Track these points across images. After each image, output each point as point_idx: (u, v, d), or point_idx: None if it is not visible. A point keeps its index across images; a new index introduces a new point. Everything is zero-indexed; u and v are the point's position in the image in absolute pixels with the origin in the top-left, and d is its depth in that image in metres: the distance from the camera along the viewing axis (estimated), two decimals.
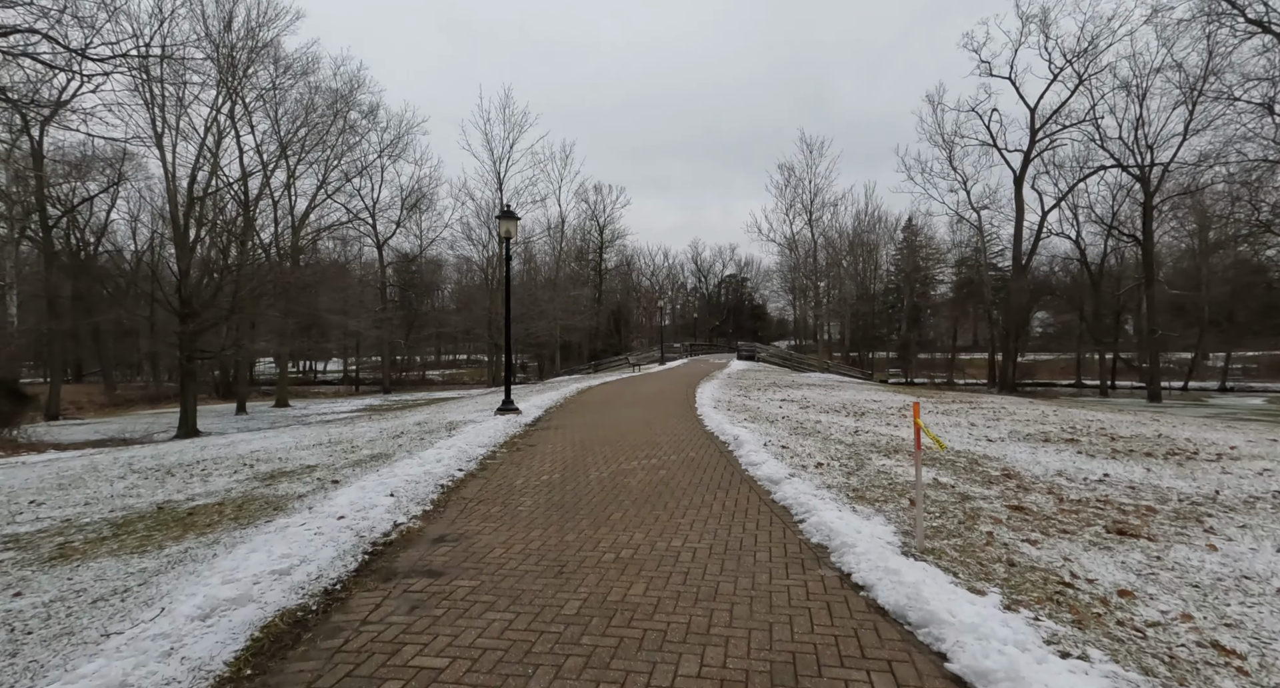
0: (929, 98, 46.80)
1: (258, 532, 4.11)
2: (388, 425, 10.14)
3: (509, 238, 10.53)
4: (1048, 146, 39.72)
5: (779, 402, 12.40)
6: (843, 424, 8.91)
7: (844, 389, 15.78)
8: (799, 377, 21.30)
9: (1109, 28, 33.39)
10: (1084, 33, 34.50)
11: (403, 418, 11.60)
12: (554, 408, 12.05)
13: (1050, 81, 38.19)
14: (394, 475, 5.75)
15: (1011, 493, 4.85)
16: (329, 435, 9.21)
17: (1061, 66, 37.49)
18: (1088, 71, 35.92)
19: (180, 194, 20.16)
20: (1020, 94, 39.83)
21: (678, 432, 8.56)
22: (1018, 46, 38.33)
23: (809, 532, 4.01)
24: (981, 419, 9.34)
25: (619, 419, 10.13)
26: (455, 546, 3.94)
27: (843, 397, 13.46)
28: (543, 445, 7.66)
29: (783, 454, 6.49)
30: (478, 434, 8.25)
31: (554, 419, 10.42)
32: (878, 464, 5.98)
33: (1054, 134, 39.19)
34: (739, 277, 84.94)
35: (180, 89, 20.59)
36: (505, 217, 10.43)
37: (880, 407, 11.40)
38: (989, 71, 40.58)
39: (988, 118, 40.91)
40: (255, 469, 6.60)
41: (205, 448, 8.72)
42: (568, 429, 9.12)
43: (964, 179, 44.27)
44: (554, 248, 43.81)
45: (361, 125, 35.98)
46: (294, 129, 26.10)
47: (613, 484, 5.51)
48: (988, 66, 40.56)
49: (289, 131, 26.13)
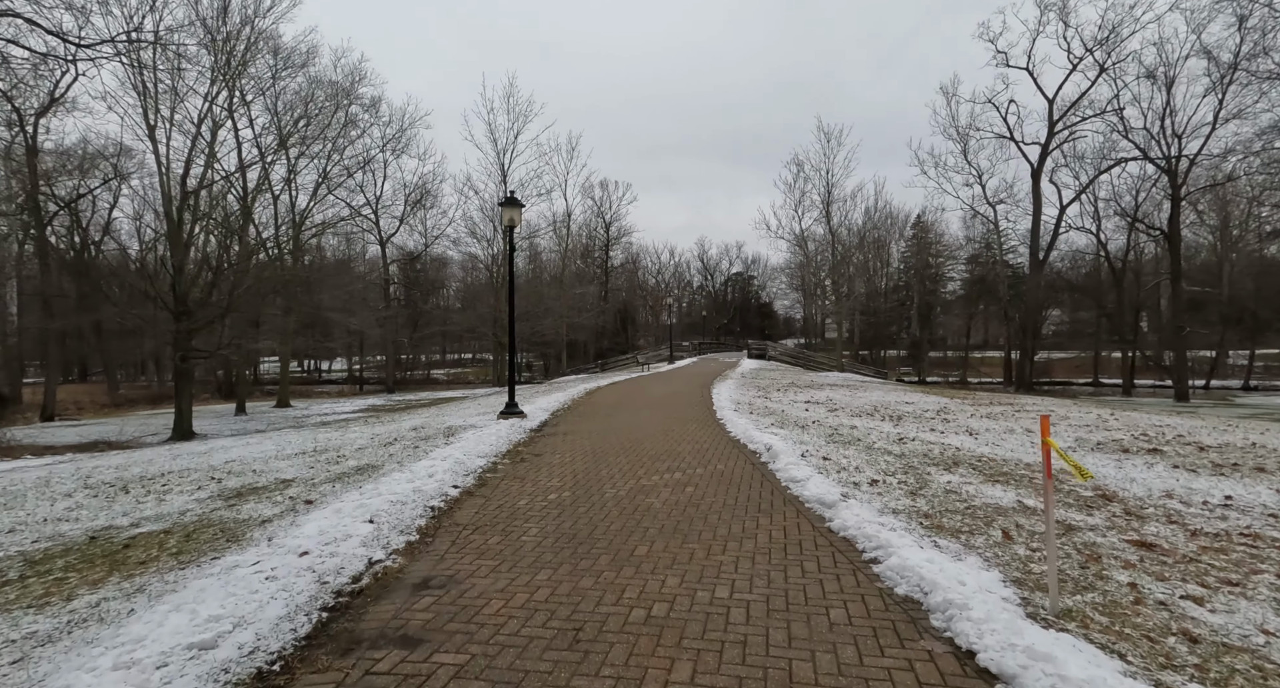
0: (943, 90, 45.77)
1: (197, 574, 3.29)
2: (382, 431, 9.34)
3: (513, 227, 9.71)
4: (1067, 138, 38.59)
5: (804, 404, 11.52)
6: (882, 430, 8.03)
7: (868, 390, 14.87)
8: (816, 376, 20.40)
9: (1132, 15, 32.22)
10: (1105, 20, 33.35)
11: (399, 422, 10.79)
12: (561, 411, 11.22)
13: (1069, 72, 37.07)
14: (378, 494, 4.93)
15: (1123, 523, 3.97)
16: (316, 442, 8.42)
17: (1081, 56, 36.36)
18: (1109, 60, 34.75)
19: (173, 187, 19.42)
20: (1038, 85, 38.71)
21: (700, 439, 7.70)
22: (1035, 36, 37.20)
23: (890, 578, 3.15)
24: (1035, 425, 8.44)
25: (633, 424, 9.28)
26: (442, 595, 3.10)
27: (870, 398, 12.56)
28: (550, 455, 6.83)
29: (826, 468, 5.63)
30: (478, 442, 7.43)
31: (562, 424, 9.59)
32: (941, 481, 5.10)
33: (1073, 126, 38.07)
34: (746, 274, 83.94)
35: (175, 77, 19.88)
36: (508, 204, 9.60)
37: (915, 409, 10.51)
38: (1005, 62, 39.45)
39: (1004, 109, 39.77)
40: (223, 485, 5.80)
41: (179, 456, 7.94)
42: (577, 436, 8.28)
43: (979, 173, 43.15)
44: (560, 244, 42.85)
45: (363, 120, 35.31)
46: (293, 121, 25.36)
47: (633, 506, 4.67)
48: (1004, 57, 39.44)
49: (288, 123, 25.38)
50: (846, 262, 50.36)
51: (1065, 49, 36.74)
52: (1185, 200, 31.70)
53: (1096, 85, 35.76)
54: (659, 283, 66.97)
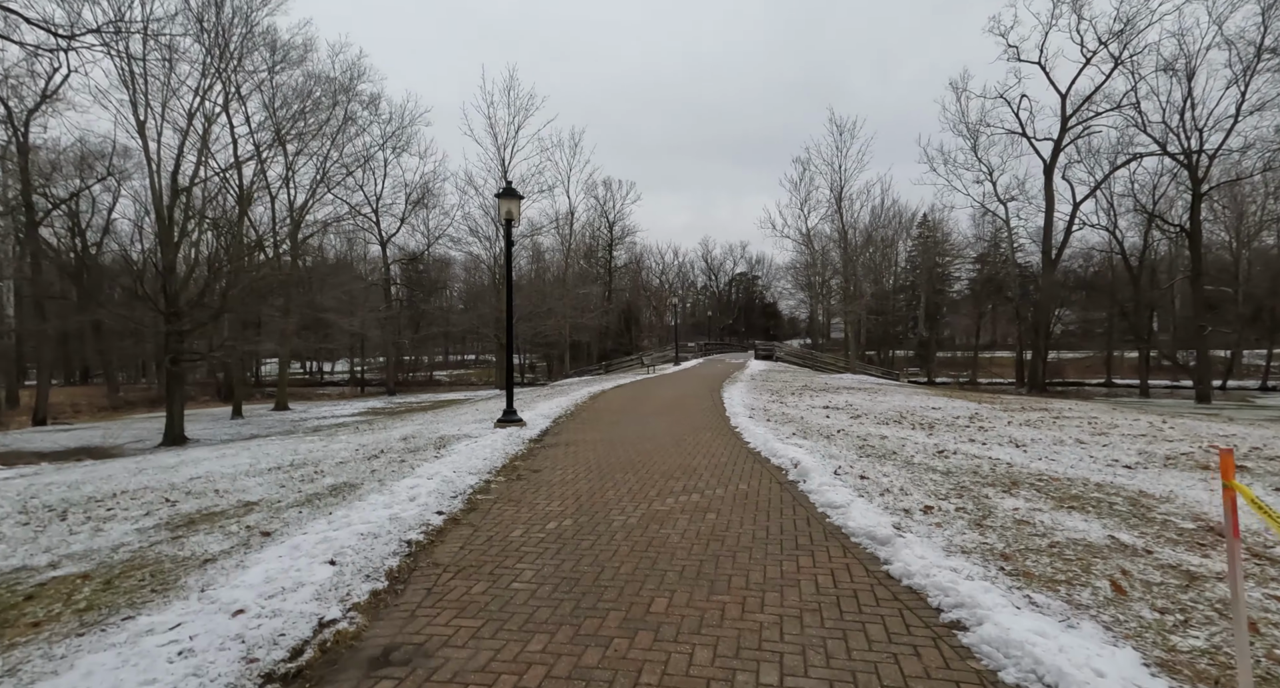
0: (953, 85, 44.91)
1: (95, 645, 2.59)
2: (370, 441, 8.64)
3: (510, 220, 9.00)
4: (1081, 134, 37.73)
5: (822, 409, 10.78)
6: (916, 441, 7.28)
7: (887, 393, 14.11)
8: (828, 378, 19.63)
9: (1148, 6, 31.34)
10: (1120, 13, 32.46)
11: (390, 430, 10.09)
12: (563, 418, 10.49)
13: (1083, 65, 36.23)
14: (348, 523, 4.22)
15: (1257, 569, 3.23)
16: (296, 454, 7.73)
17: (1095, 49, 35.51)
18: (1125, 53, 33.85)
19: (163, 184, 18.80)
20: (1051, 79, 37.89)
21: (716, 451, 6.97)
22: (1048, 29, 36.35)
23: (989, 656, 2.41)
24: (1085, 434, 7.68)
25: (641, 433, 8.56)
26: (404, 678, 2.38)
27: (892, 403, 11.80)
28: (550, 471, 6.11)
29: (866, 489, 4.89)
30: (471, 455, 6.72)
31: (564, 433, 8.87)
32: (1005, 508, 4.36)
33: (1087, 121, 37.21)
34: (750, 274, 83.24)
35: (167, 71, 19.28)
36: (506, 196, 8.89)
37: (944, 416, 9.75)
38: (1017, 56, 38.65)
39: (1017, 104, 38.95)
40: (176, 509, 5.10)
41: (143, 471, 7.25)
42: (580, 447, 7.56)
43: (990, 170, 42.32)
44: (562, 242, 42.05)
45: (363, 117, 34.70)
46: (290, 117, 24.72)
47: (646, 539, 3.94)
48: (1015, 51, 38.63)
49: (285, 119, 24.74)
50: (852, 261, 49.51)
51: (1078, 42, 35.89)
52: (1208, 195, 30.76)
53: (1112, 79, 34.89)
54: (663, 283, 66.30)
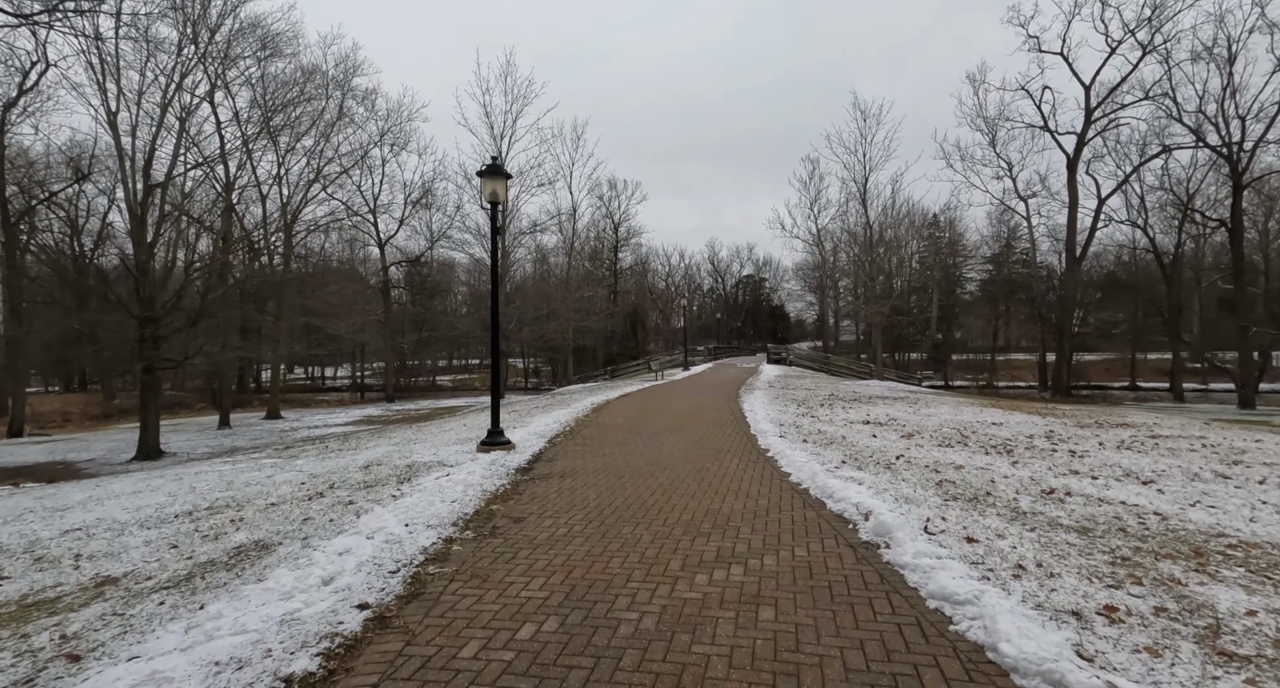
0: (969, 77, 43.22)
1: None
2: (325, 470, 7.17)
3: (496, 203, 7.53)
4: (1107, 126, 36.03)
5: (863, 425, 9.23)
6: (1005, 473, 5.74)
7: (929, 404, 12.51)
8: (852, 385, 18.04)
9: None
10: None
11: (358, 452, 8.61)
12: (561, 437, 8.99)
13: (1108, 55, 34.54)
14: (210, 635, 2.73)
15: None
16: (227, 491, 6.26)
17: (1121, 38, 33.84)
18: (1154, 41, 32.16)
19: (136, 179, 17.47)
20: (1074, 70, 36.22)
21: (750, 488, 5.46)
22: (1071, 18, 34.66)
23: None
24: (1215, 462, 6.11)
25: (653, 459, 7.05)
26: None
27: (941, 416, 10.23)
28: (535, 522, 4.61)
29: (985, 562, 3.36)
30: (438, 495, 5.23)
31: (559, 458, 7.36)
32: (1229, 607, 2.83)
33: (1113, 113, 35.54)
34: (757, 277, 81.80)
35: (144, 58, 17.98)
36: (489, 174, 7.42)
37: (1014, 434, 8.19)
38: (1038, 47, 37.00)
39: (1038, 96, 37.28)
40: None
41: (24, 515, 5.80)
42: (578, 480, 6.07)
43: (1009, 165, 40.65)
44: (564, 241, 40.42)
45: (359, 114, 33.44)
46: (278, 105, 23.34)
47: (672, 668, 2.44)
48: (1036, 41, 36.98)
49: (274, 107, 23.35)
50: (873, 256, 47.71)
51: (1103, 31, 34.23)
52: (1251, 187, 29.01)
53: (1140, 68, 33.19)
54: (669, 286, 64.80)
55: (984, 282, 56.42)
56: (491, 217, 7.63)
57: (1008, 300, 51.73)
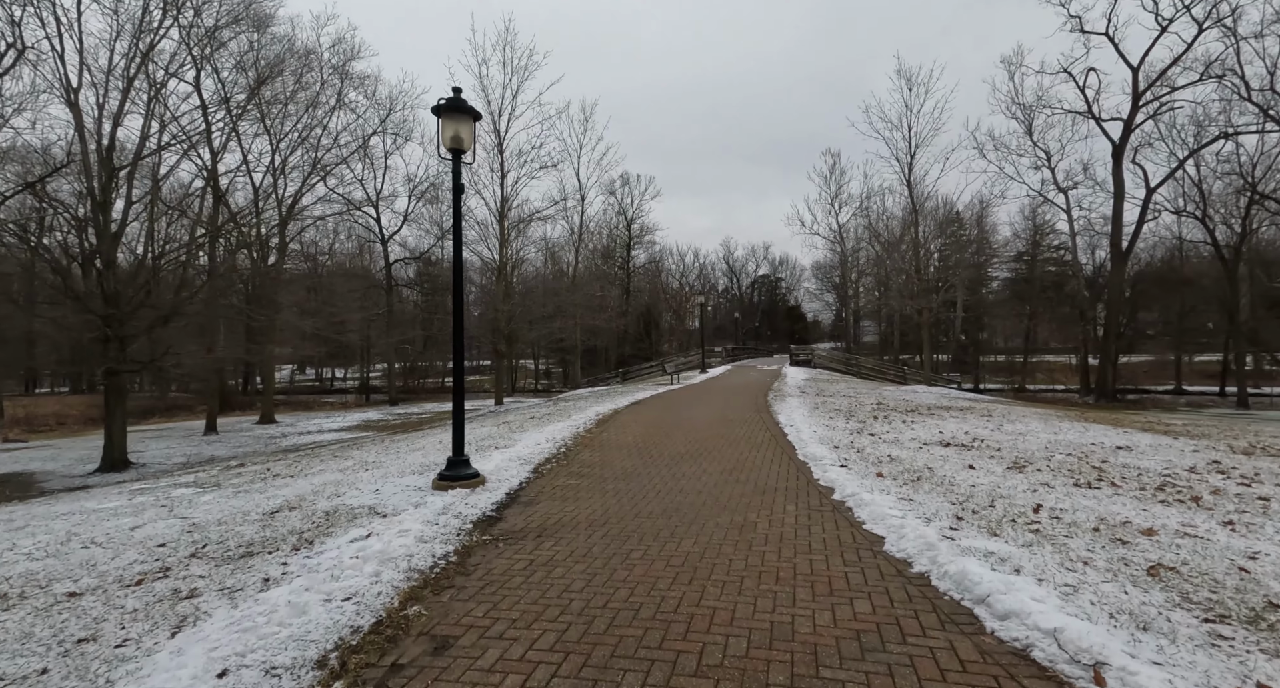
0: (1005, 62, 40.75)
1: None
2: (218, 515, 5.24)
3: (460, 151, 5.58)
4: (1158, 110, 33.41)
5: (944, 449, 7.12)
6: (1256, 554, 3.62)
7: (1006, 416, 10.28)
8: (898, 392, 15.84)
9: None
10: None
11: (282, 488, 6.67)
12: (551, 463, 6.98)
13: (1159, 33, 31.99)
14: None
15: None
16: (27, 561, 4.34)
17: (1173, 15, 31.30)
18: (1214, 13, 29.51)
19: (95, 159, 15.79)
20: (1120, 51, 33.68)
21: (834, 577, 3.41)
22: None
23: None
24: None
25: (672, 504, 5.05)
26: None
27: (1036, 434, 8.06)
28: (469, 654, 2.61)
29: None
30: (330, 582, 3.26)
31: (540, 499, 5.37)
32: None
33: (1165, 96, 32.93)
34: (773, 277, 79.54)
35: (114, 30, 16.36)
36: (449, 111, 5.45)
37: (1168, 465, 6.04)
38: (1080, 27, 34.55)
39: (1082, 79, 34.74)
40: None
41: None
42: (560, 546, 4.07)
43: (1047, 154, 38.12)
44: (572, 232, 38.18)
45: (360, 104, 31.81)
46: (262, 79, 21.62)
47: None
48: (1078, 21, 34.50)
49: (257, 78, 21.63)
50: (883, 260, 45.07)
51: (1152, 9, 31.71)
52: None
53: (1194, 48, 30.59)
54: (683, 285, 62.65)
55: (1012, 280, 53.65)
56: (454, 170, 5.64)
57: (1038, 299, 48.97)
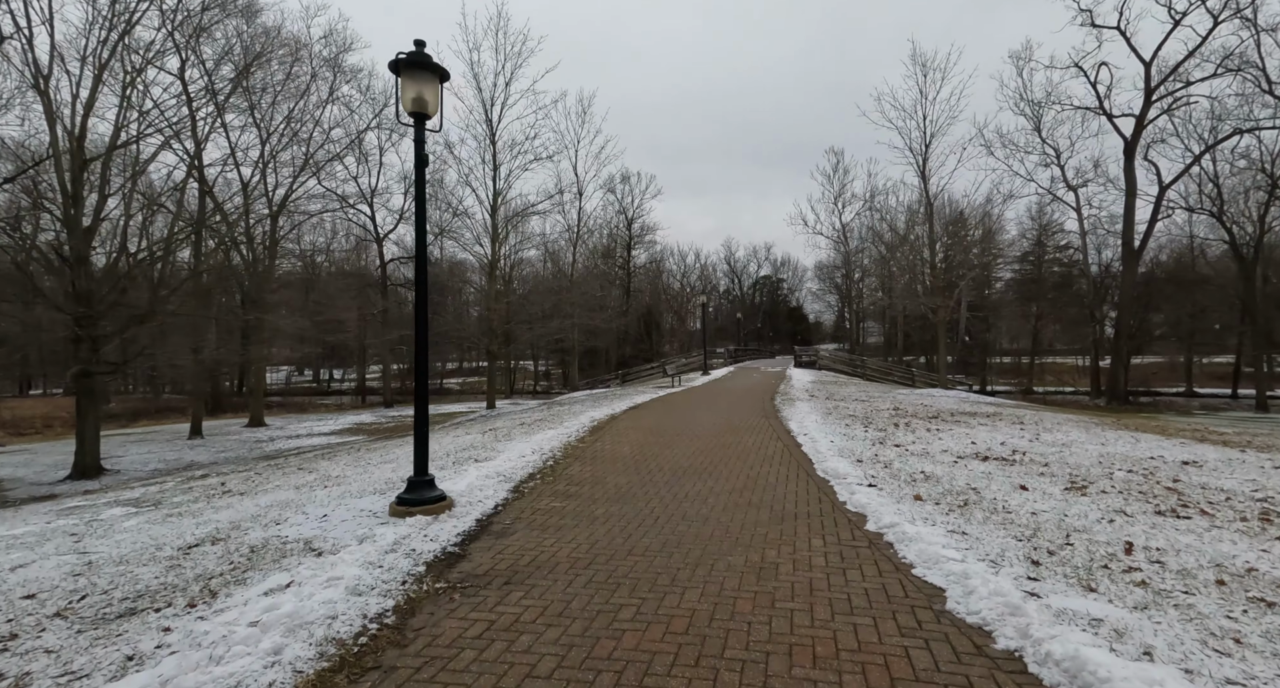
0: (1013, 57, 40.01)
1: None
2: (126, 550, 4.36)
3: (425, 117, 4.72)
4: (1171, 105, 32.58)
5: (982, 464, 6.24)
6: None
7: (1042, 424, 9.36)
8: (912, 396, 14.95)
9: None
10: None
11: (222, 511, 5.78)
12: (535, 479, 6.10)
13: (1172, 27, 31.13)
14: None
15: None
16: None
17: (1186, 8, 30.46)
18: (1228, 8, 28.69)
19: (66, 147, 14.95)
20: (1132, 45, 32.83)
21: (889, 650, 2.54)
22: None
23: None
24: None
25: (673, 536, 4.19)
26: None
27: (1083, 446, 7.18)
28: None
29: None
30: (239, 646, 2.40)
31: (516, 529, 4.50)
32: None
33: (1178, 91, 32.08)
34: (775, 277, 78.74)
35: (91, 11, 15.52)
36: (414, 68, 4.60)
37: (1250, 485, 5.17)
38: (1090, 21, 33.69)
39: (1093, 74, 33.87)
40: None
41: None
42: (531, 598, 3.21)
43: (1056, 152, 37.29)
44: (568, 228, 37.08)
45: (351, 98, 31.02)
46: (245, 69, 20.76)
47: None
48: (1089, 15, 33.67)
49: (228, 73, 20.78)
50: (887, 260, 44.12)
51: (1165, 2, 30.86)
52: None
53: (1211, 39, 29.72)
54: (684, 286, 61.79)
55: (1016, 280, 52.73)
56: (416, 137, 4.77)
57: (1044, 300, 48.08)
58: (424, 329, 4.89)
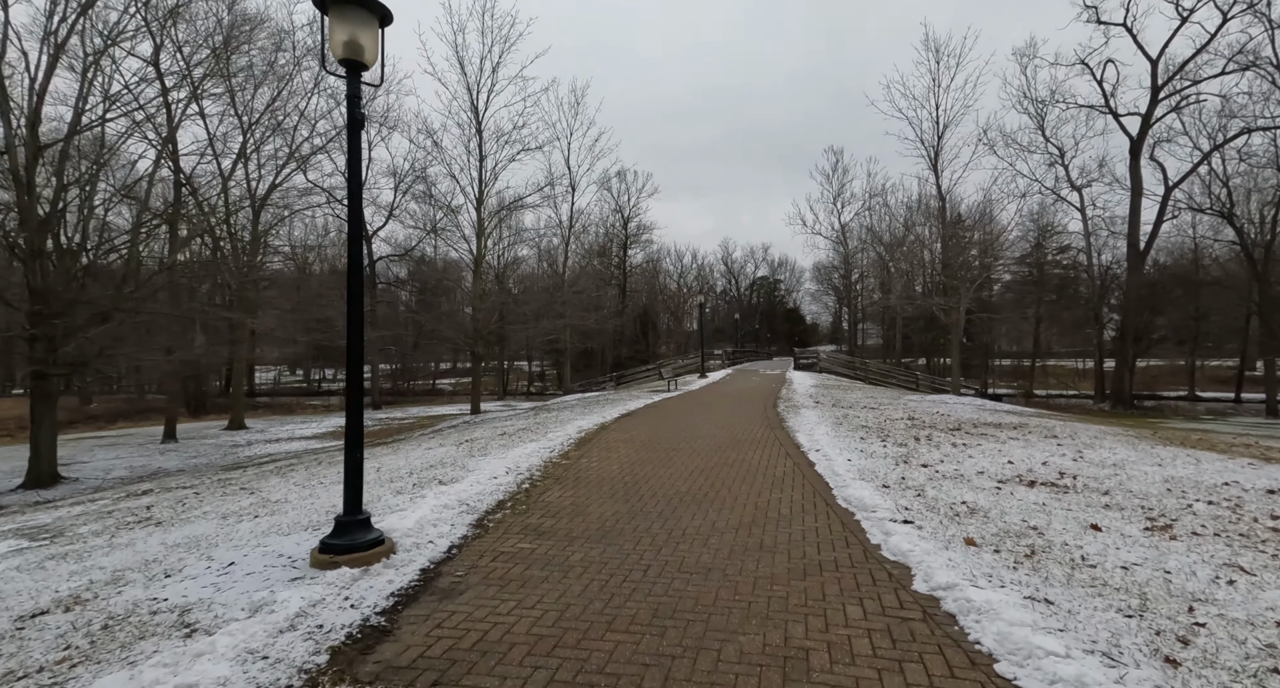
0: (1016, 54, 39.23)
1: None
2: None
3: (361, 67, 3.77)
4: (1179, 104, 31.88)
5: (1030, 490, 5.32)
6: None
7: (1082, 439, 8.46)
8: (924, 403, 14.04)
9: None
10: None
11: (139, 542, 4.75)
12: (500, 511, 5.13)
13: (1179, 24, 30.45)
14: None
15: None
16: None
17: (1194, 5, 29.76)
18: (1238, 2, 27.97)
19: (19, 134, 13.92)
20: (1138, 42, 32.19)
21: None
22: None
23: None
24: None
25: (667, 599, 3.25)
26: None
27: (1137, 465, 6.26)
28: None
29: None
30: None
31: (470, 585, 3.53)
32: None
33: (1186, 89, 31.39)
34: (772, 278, 78.00)
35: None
36: (340, 3, 3.65)
37: None
38: (1096, 18, 33.00)
39: (1099, 71, 33.15)
40: None
41: None
42: None
43: (1060, 151, 36.60)
44: (560, 225, 35.92)
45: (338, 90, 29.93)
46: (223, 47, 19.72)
47: None
48: (1094, 12, 32.97)
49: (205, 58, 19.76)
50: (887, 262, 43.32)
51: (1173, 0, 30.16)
52: None
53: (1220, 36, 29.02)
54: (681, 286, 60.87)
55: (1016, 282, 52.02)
56: (349, 92, 3.81)
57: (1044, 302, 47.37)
58: (358, 329, 3.92)
